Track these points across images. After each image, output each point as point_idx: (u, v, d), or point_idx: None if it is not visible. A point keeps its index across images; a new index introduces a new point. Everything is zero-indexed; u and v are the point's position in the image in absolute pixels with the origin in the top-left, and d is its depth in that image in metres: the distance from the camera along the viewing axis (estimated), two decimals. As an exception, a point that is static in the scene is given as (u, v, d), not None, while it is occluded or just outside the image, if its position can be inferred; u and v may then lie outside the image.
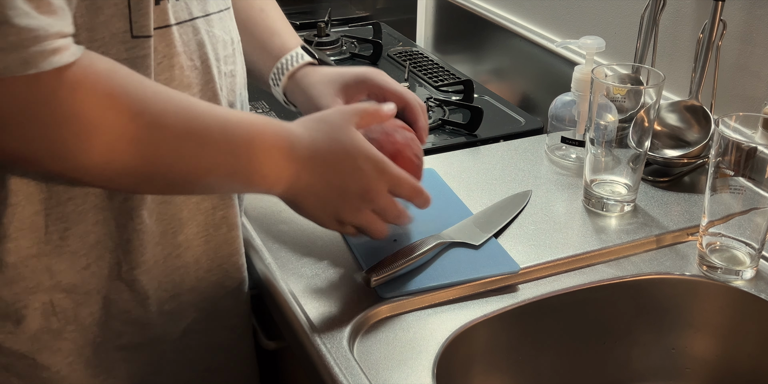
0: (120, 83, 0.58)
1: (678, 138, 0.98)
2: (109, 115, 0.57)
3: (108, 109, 0.57)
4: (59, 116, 0.55)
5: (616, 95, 0.84)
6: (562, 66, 1.17)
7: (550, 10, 1.25)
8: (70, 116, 0.55)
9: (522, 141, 1.08)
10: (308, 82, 0.83)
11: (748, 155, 0.73)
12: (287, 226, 0.85)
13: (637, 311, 0.82)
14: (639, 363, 0.84)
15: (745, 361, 0.81)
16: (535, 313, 0.78)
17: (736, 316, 0.80)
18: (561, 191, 0.95)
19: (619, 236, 0.85)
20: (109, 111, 0.57)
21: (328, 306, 0.74)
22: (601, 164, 0.88)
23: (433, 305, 0.75)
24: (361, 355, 0.69)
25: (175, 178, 0.63)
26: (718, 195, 0.77)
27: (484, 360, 0.78)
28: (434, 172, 0.97)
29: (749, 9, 0.93)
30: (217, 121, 0.63)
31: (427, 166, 0.98)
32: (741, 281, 0.79)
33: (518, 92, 1.31)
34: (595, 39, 0.97)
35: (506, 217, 0.87)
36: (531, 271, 0.80)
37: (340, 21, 1.61)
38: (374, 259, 0.78)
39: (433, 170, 0.97)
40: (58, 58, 0.53)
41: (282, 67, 0.84)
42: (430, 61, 1.39)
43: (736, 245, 0.79)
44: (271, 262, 0.80)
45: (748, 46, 0.94)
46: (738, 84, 0.96)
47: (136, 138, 0.58)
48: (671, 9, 1.02)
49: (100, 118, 0.56)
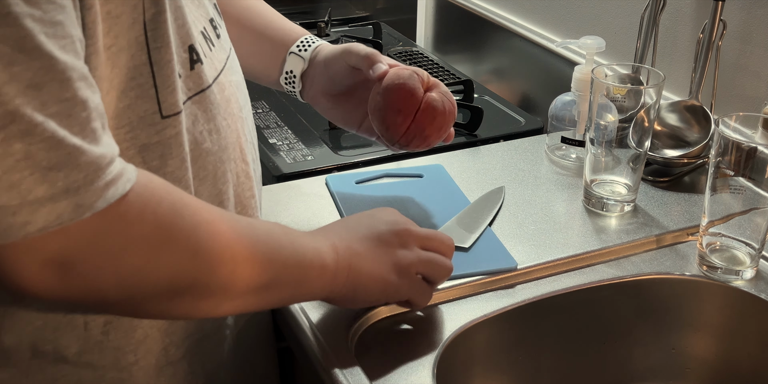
0: (177, 199, 0.54)
1: (678, 138, 0.98)
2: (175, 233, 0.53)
3: (174, 226, 0.53)
4: (129, 243, 0.51)
5: (616, 95, 0.84)
6: (562, 66, 1.17)
7: (550, 10, 1.25)
8: (140, 241, 0.51)
9: (522, 141, 1.08)
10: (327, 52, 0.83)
11: (748, 155, 0.73)
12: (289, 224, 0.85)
13: (637, 311, 0.82)
14: (639, 363, 0.84)
15: (745, 361, 0.81)
16: (536, 313, 0.78)
17: (736, 316, 0.80)
18: (561, 191, 0.95)
19: (619, 236, 0.85)
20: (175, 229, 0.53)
21: (328, 306, 0.74)
22: (601, 164, 0.88)
23: (433, 305, 0.75)
24: (361, 355, 0.69)
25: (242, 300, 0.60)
26: (718, 195, 0.77)
27: (484, 360, 0.78)
28: (441, 167, 0.98)
29: (749, 9, 0.93)
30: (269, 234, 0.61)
31: (436, 162, 0.99)
32: (741, 281, 0.79)
33: (518, 92, 1.31)
34: (595, 39, 0.97)
35: (488, 215, 0.87)
36: (531, 271, 0.80)
37: (340, 21, 1.61)
38: None
39: (441, 166, 0.98)
40: (112, 192, 0.48)
41: (305, 43, 0.84)
42: (430, 61, 1.39)
43: (736, 245, 0.79)
44: (271, 262, 0.80)
45: (748, 46, 0.94)
46: (738, 84, 0.96)
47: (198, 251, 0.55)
48: (671, 9, 1.02)
49: (166, 239, 0.53)
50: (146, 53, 0.55)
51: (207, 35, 0.65)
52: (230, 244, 0.56)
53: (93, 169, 0.47)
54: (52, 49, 0.46)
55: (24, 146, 0.45)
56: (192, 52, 0.60)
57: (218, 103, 0.64)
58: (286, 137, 1.11)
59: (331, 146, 1.09)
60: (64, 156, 0.46)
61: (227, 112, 0.66)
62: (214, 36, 0.67)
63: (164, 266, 0.53)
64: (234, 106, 0.68)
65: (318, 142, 1.10)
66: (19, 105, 0.44)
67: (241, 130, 0.69)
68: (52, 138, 0.45)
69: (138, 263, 0.52)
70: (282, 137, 1.11)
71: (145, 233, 0.51)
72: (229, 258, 0.56)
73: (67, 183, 0.46)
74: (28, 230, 0.46)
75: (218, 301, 0.58)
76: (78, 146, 0.46)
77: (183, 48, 0.59)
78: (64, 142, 0.46)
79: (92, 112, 0.48)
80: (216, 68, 0.65)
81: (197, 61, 0.61)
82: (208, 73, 0.63)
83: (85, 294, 0.52)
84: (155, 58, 0.56)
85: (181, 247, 0.53)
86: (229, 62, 0.70)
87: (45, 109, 0.45)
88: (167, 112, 0.57)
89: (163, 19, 0.55)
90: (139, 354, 0.65)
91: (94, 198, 0.47)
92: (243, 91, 0.73)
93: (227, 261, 0.56)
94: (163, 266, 0.53)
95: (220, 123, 0.65)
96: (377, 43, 1.41)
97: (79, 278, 0.50)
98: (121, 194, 0.49)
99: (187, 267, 0.54)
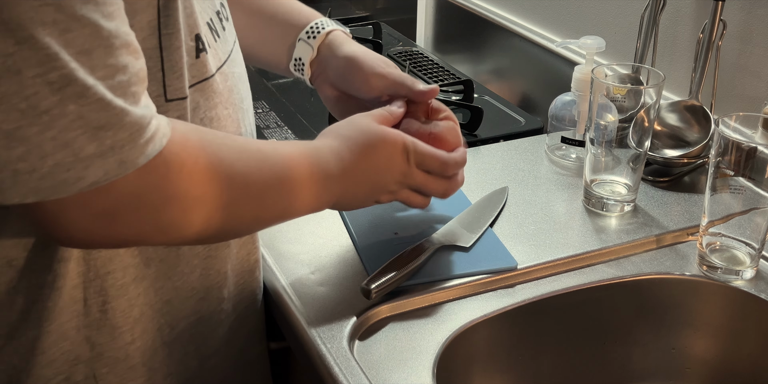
0: (214, 151, 0.58)
1: (678, 138, 0.98)
2: (210, 187, 0.57)
3: (209, 181, 0.57)
4: (170, 198, 0.55)
5: (616, 95, 0.84)
6: (562, 66, 1.17)
7: (550, 10, 1.25)
8: (179, 195, 0.55)
9: (522, 141, 1.08)
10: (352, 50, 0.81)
11: (748, 155, 0.73)
12: (287, 225, 0.85)
13: (637, 311, 0.82)
14: (639, 363, 0.84)
15: (745, 361, 0.81)
16: (535, 313, 0.78)
17: (736, 316, 0.80)
18: (561, 191, 0.95)
19: (619, 236, 0.85)
20: (210, 183, 0.57)
21: (328, 306, 0.74)
22: (601, 164, 0.88)
23: (433, 305, 0.75)
24: (361, 355, 0.69)
25: (256, 225, 0.67)
26: (718, 195, 0.77)
27: (484, 360, 0.78)
28: None
29: (749, 9, 0.93)
30: (284, 165, 0.65)
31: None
32: (741, 281, 0.79)
33: (518, 92, 1.31)
34: (595, 39, 0.97)
35: (490, 216, 0.87)
36: (531, 271, 0.80)
37: (340, 21, 1.61)
38: (376, 257, 0.78)
39: None
40: (152, 148, 0.52)
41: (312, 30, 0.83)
42: (430, 61, 1.39)
43: (736, 245, 0.79)
44: (272, 261, 0.80)
45: (748, 46, 0.94)
46: (738, 84, 0.96)
47: (230, 202, 0.59)
48: (671, 9, 1.02)
49: (203, 191, 0.57)
50: (157, 38, 0.57)
51: (213, 26, 0.67)
52: (259, 196, 0.62)
53: (136, 129, 0.51)
54: (97, 17, 0.48)
55: (77, 107, 0.48)
56: (198, 40, 0.62)
57: (220, 92, 0.66)
58: (286, 137, 1.11)
59: (331, 146, 1.08)
60: (112, 116, 0.49)
61: (229, 102, 0.68)
62: (220, 28, 0.68)
63: (197, 218, 0.58)
64: (235, 97, 0.69)
65: (318, 142, 1.10)
66: (73, 69, 0.47)
67: (241, 121, 0.70)
68: (102, 100, 0.49)
69: (176, 216, 0.56)
70: (282, 137, 1.11)
71: (183, 190, 0.55)
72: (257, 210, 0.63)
73: (114, 141, 0.50)
74: (81, 186, 0.49)
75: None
76: (123, 107, 0.50)
77: (190, 36, 0.61)
78: (112, 104, 0.49)
79: (132, 77, 0.51)
80: (220, 59, 0.67)
81: (202, 50, 0.63)
82: (212, 62, 0.64)
83: (128, 241, 0.58)
84: (165, 44, 0.58)
85: (213, 203, 0.58)
86: (233, 55, 0.71)
87: (95, 73, 0.48)
88: (171, 96, 0.60)
89: (175, 6, 0.57)
90: (136, 333, 0.67)
91: (137, 154, 0.51)
92: (245, 84, 0.74)
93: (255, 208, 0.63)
94: (196, 218, 0.58)
95: (221, 112, 0.66)
96: (377, 43, 1.41)
97: (124, 228, 0.54)
98: (159, 149, 0.53)
99: (219, 216, 0.59)
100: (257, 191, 0.62)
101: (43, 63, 0.46)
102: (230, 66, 0.69)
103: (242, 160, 0.61)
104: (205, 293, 0.72)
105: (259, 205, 0.63)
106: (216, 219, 0.59)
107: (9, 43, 0.45)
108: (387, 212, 0.86)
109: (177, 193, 0.55)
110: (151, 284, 0.67)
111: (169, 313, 0.69)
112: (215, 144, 0.59)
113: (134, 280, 0.65)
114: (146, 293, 0.67)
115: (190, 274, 0.70)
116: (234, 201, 0.60)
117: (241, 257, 0.75)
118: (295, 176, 0.65)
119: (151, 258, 0.66)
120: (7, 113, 0.46)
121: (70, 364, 0.65)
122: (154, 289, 0.67)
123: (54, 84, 0.47)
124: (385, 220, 0.85)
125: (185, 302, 0.70)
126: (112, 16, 0.49)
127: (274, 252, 0.82)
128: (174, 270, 0.68)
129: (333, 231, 0.85)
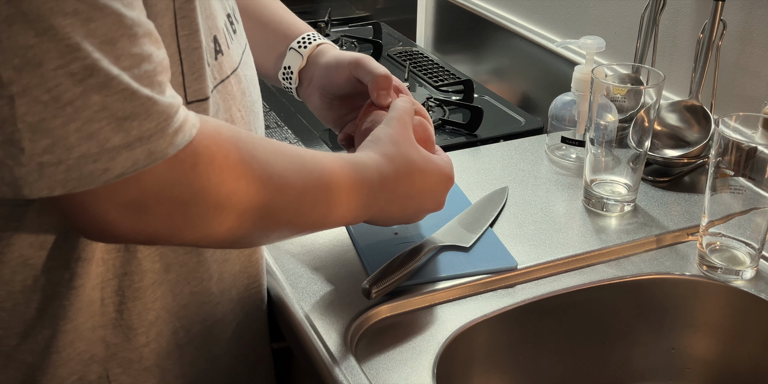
0: (248, 149, 0.57)
1: (678, 138, 0.98)
2: (242, 185, 0.56)
3: (241, 177, 0.56)
4: (199, 191, 0.54)
5: (616, 95, 0.84)
6: (562, 66, 1.17)
7: (550, 10, 1.25)
8: (209, 190, 0.54)
9: (522, 141, 1.08)
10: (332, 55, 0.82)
11: (748, 155, 0.73)
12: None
13: (637, 311, 0.82)
14: (639, 363, 0.84)
15: (745, 361, 0.81)
16: (535, 313, 0.78)
17: (736, 316, 0.80)
18: (561, 191, 0.95)
19: (619, 236, 0.85)
20: (242, 180, 0.56)
21: (328, 306, 0.74)
22: (601, 164, 0.88)
23: (433, 305, 0.75)
24: (361, 355, 0.69)
25: (289, 231, 0.65)
26: (718, 195, 0.77)
27: (484, 360, 0.78)
28: None
29: (749, 9, 0.93)
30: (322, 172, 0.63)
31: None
32: (741, 281, 0.79)
33: (518, 92, 1.31)
34: (595, 39, 0.97)
35: (490, 216, 0.87)
36: (531, 271, 0.80)
37: (340, 21, 1.61)
38: (375, 257, 0.78)
39: None
40: (180, 138, 0.51)
41: (306, 40, 0.84)
42: (430, 61, 1.39)
43: (736, 245, 0.79)
44: (272, 262, 0.80)
45: (748, 46, 0.94)
46: (738, 84, 0.96)
47: (264, 203, 0.58)
48: (671, 9, 1.02)
49: (235, 188, 0.55)
50: (176, 41, 0.57)
51: (227, 28, 0.67)
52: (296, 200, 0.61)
53: (163, 118, 0.50)
54: (119, 6, 0.48)
55: (101, 98, 0.47)
56: (216, 42, 0.62)
57: (234, 94, 0.66)
58: (286, 137, 1.11)
59: (331, 146, 1.09)
60: (138, 106, 0.48)
61: (242, 104, 0.68)
62: (232, 30, 0.69)
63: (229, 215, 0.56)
64: (248, 100, 0.69)
65: (318, 142, 1.10)
66: (96, 59, 0.47)
67: (252, 124, 0.70)
68: (127, 90, 0.48)
69: (207, 211, 0.55)
70: (282, 137, 1.11)
71: (214, 184, 0.54)
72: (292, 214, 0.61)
73: (141, 131, 0.49)
74: (108, 177, 0.49)
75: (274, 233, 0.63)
76: (150, 97, 0.49)
77: (210, 37, 0.61)
78: (138, 93, 0.48)
79: (157, 66, 0.50)
80: (234, 61, 0.67)
81: (219, 51, 0.63)
82: (227, 64, 0.64)
83: (159, 236, 0.56)
84: (183, 46, 0.57)
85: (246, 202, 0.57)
86: (245, 57, 0.71)
87: (119, 63, 0.48)
88: (191, 98, 0.59)
89: (192, 7, 0.57)
90: (151, 336, 0.67)
91: (165, 144, 0.50)
92: (256, 87, 0.74)
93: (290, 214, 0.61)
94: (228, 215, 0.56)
95: (235, 114, 0.66)
96: (377, 43, 1.41)
97: (154, 220, 0.53)
98: (189, 140, 0.52)
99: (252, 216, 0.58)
100: (295, 195, 0.60)
101: (65, 54, 0.46)
102: (243, 69, 0.69)
103: (279, 161, 0.59)
104: (220, 297, 0.71)
105: (295, 209, 0.61)
106: (248, 219, 0.58)
107: (29, 35, 0.45)
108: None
109: (206, 187, 0.54)
110: (170, 289, 0.66)
111: (185, 317, 0.69)
112: (250, 142, 0.58)
113: (152, 284, 0.65)
114: (164, 297, 0.66)
115: (209, 279, 0.69)
116: (269, 202, 0.58)
117: (247, 259, 0.75)
118: (335, 184, 0.64)
119: (172, 263, 0.65)
120: (30, 105, 0.46)
121: (84, 363, 0.64)
122: (173, 294, 0.67)
123: (76, 75, 0.46)
124: None
125: (202, 307, 0.70)
126: (132, 6, 0.49)
127: (275, 252, 0.82)
128: (194, 275, 0.68)
129: (333, 231, 0.85)
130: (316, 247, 0.82)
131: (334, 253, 0.82)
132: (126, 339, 0.65)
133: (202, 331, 0.71)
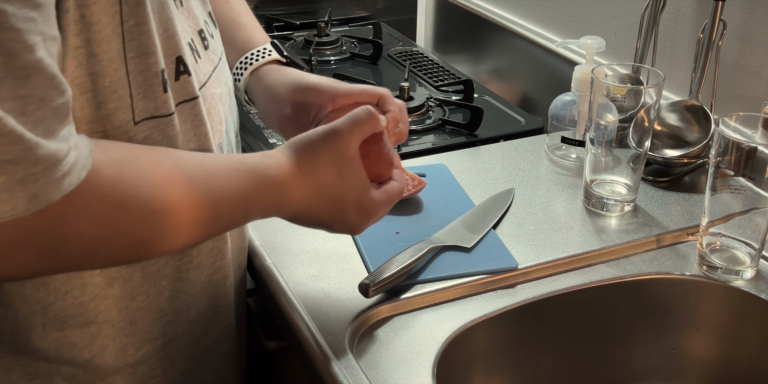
0: (129, 188, 0.54)
1: (678, 138, 0.98)
2: (114, 230, 0.54)
3: (116, 221, 0.54)
4: (63, 239, 0.51)
5: (616, 95, 0.84)
6: (562, 66, 1.17)
7: (550, 10, 1.25)
8: (77, 237, 0.52)
9: (522, 141, 1.08)
10: (269, 81, 0.80)
11: (748, 155, 0.73)
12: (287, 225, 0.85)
13: (637, 311, 0.82)
14: (639, 363, 0.84)
15: (745, 361, 0.81)
16: (535, 313, 0.78)
17: (736, 316, 0.80)
18: (561, 191, 0.95)
19: (619, 236, 0.85)
20: (118, 223, 0.54)
21: (328, 306, 0.74)
22: (601, 164, 0.88)
23: (433, 305, 0.75)
24: (361, 355, 0.69)
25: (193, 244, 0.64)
26: (718, 195, 0.77)
27: (484, 360, 0.78)
28: (444, 167, 0.98)
29: (749, 9, 0.93)
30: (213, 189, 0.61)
31: (437, 162, 0.99)
32: (741, 281, 0.79)
33: (518, 92, 1.31)
34: (595, 39, 0.97)
35: (494, 217, 0.87)
36: (531, 271, 0.80)
37: (340, 21, 1.61)
38: (377, 256, 0.79)
39: (444, 165, 0.99)
40: (68, 183, 0.49)
41: (246, 61, 0.82)
42: (430, 61, 1.39)
43: (736, 245, 0.79)
44: (271, 262, 0.80)
45: (748, 46, 0.94)
46: (738, 84, 0.96)
47: (140, 242, 0.57)
48: (671, 9, 1.02)
49: (104, 233, 0.53)
50: (124, 64, 0.56)
51: (194, 47, 0.66)
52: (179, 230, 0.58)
53: (52, 162, 0.47)
54: (15, 47, 0.45)
55: None
56: (180, 63, 0.61)
57: (199, 113, 0.65)
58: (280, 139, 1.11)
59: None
60: (24, 150, 0.46)
61: (208, 123, 0.66)
62: (202, 47, 0.68)
63: (102, 258, 0.56)
64: (214, 119, 0.68)
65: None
66: None
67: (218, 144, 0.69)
68: (12, 133, 0.45)
69: (75, 256, 0.53)
70: (282, 137, 1.11)
71: (81, 232, 0.52)
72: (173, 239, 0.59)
73: (25, 175, 0.46)
74: None
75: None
76: (36, 141, 0.47)
77: (171, 59, 0.60)
78: (24, 137, 0.46)
79: (48, 111, 0.48)
80: (200, 80, 0.66)
81: (184, 72, 0.61)
82: (194, 84, 0.63)
83: (21, 277, 0.57)
84: (131, 68, 0.56)
85: (118, 242, 0.55)
86: (216, 74, 0.70)
87: (2, 105, 0.45)
88: (139, 118, 0.58)
89: (143, 30, 0.56)
90: (94, 351, 0.66)
91: (50, 189, 0.48)
92: (226, 104, 0.72)
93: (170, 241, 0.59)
94: (101, 258, 0.56)
95: (200, 133, 0.65)
96: (377, 43, 1.41)
97: (14, 266, 0.51)
98: (77, 183, 0.49)
99: (128, 253, 0.57)
100: (176, 225, 0.58)
101: None
102: (210, 87, 0.68)
103: (169, 192, 0.57)
104: (173, 316, 0.70)
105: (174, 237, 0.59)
106: (122, 257, 0.58)
107: None
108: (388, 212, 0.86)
109: (74, 235, 0.51)
110: (115, 303, 0.65)
111: (134, 334, 0.67)
112: (135, 176, 0.55)
113: (93, 298, 0.64)
114: (107, 311, 0.65)
115: (158, 295, 0.68)
116: (146, 239, 0.57)
117: (212, 279, 0.72)
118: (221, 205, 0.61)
119: (114, 277, 0.64)
120: None
121: (27, 378, 0.64)
122: (118, 309, 0.66)
123: None
124: (386, 220, 0.85)
125: (152, 324, 0.68)
126: (34, 48, 0.46)
127: (274, 251, 0.82)
128: (138, 290, 0.66)
129: (333, 231, 0.85)
130: (318, 247, 0.82)
131: (336, 253, 0.82)
132: (70, 355, 0.65)
133: (153, 349, 0.70)
